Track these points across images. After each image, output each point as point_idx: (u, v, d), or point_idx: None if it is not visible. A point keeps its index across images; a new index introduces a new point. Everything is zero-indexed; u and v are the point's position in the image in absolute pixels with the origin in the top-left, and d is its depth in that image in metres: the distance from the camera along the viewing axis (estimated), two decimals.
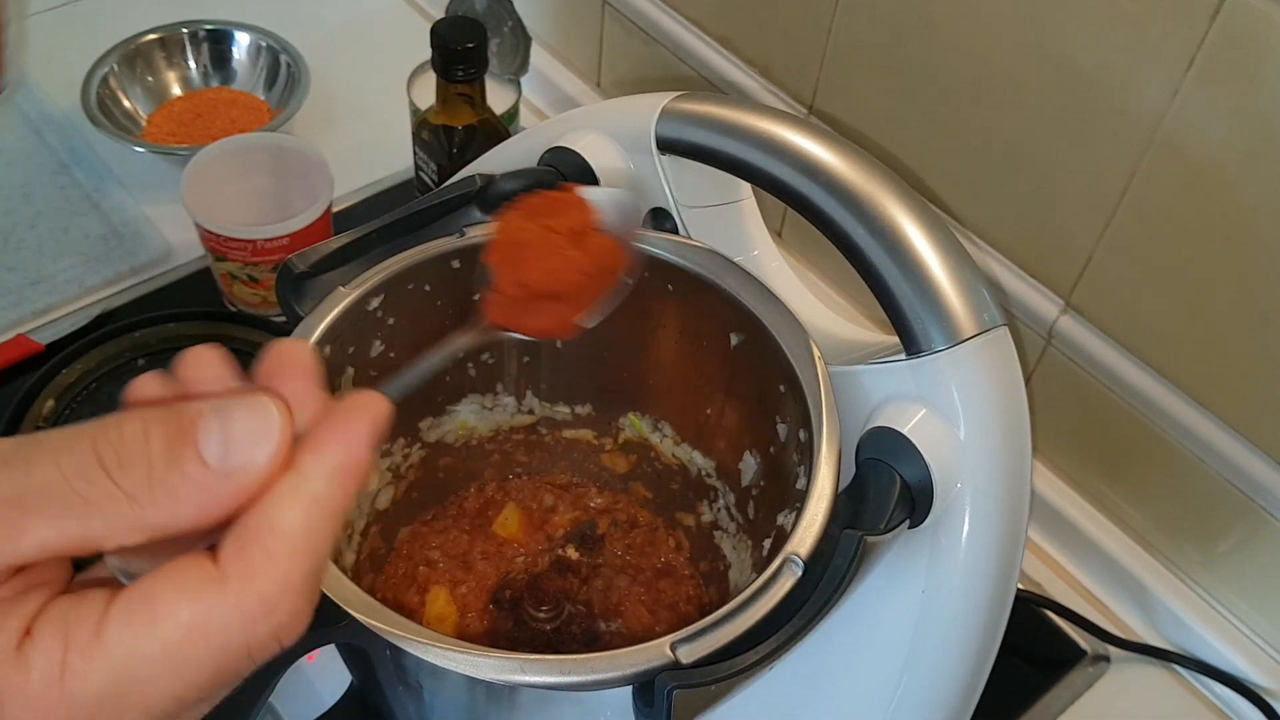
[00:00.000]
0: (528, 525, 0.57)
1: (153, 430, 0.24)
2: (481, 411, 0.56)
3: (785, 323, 0.46)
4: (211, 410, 0.25)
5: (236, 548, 0.25)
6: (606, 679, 0.37)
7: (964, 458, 0.42)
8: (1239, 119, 0.57)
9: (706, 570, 0.56)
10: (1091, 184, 0.66)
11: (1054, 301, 0.72)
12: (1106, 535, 0.75)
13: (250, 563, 0.25)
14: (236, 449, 0.25)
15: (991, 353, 0.43)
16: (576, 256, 0.41)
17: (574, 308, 0.42)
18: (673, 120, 0.49)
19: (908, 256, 0.44)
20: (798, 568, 0.39)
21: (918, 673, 0.43)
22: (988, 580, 0.43)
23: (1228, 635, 0.71)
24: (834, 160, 0.45)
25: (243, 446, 0.25)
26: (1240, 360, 0.64)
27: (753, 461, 0.51)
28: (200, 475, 0.24)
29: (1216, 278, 0.63)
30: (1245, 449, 0.66)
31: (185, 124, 0.96)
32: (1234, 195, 0.59)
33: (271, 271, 0.81)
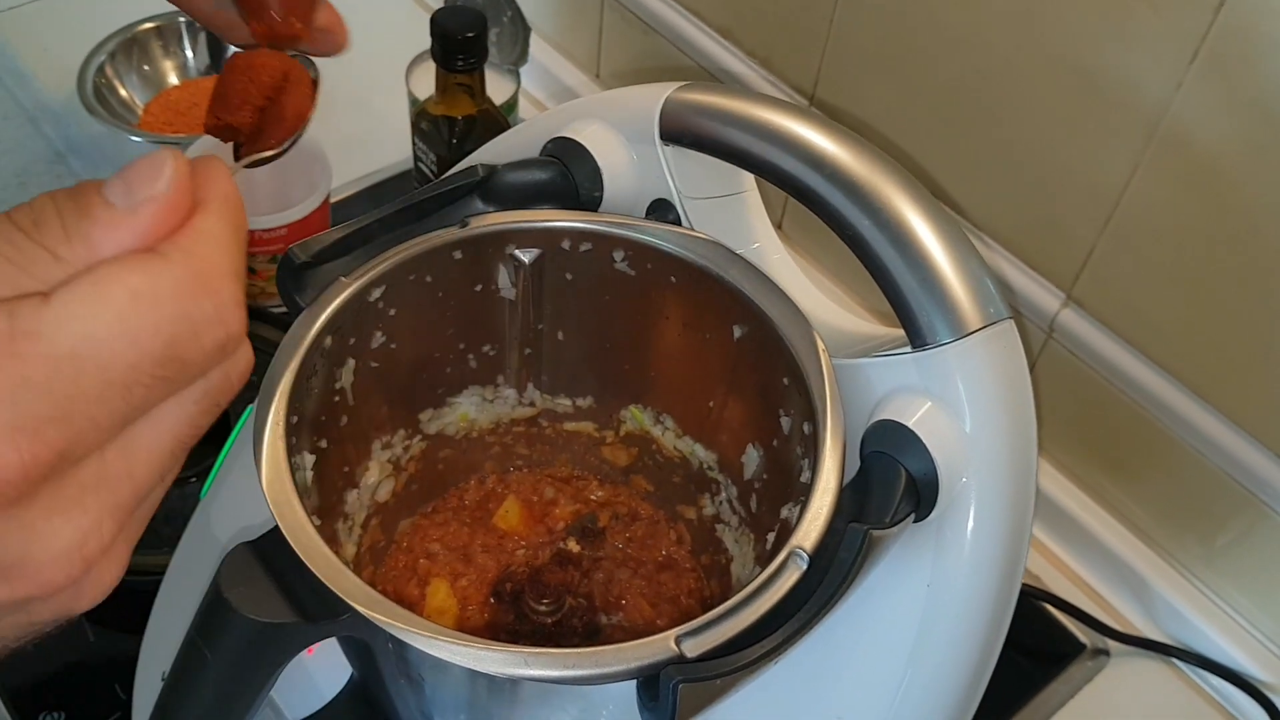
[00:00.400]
0: (528, 518, 0.57)
1: (59, 195, 0.27)
2: (482, 404, 0.56)
3: (789, 315, 0.46)
4: (111, 177, 0.28)
5: (169, 240, 0.27)
6: (611, 672, 0.36)
7: (969, 451, 0.42)
8: (1242, 112, 0.57)
9: (708, 563, 0.55)
10: (1094, 177, 0.65)
11: (1055, 295, 0.72)
12: (1106, 529, 0.75)
13: (184, 244, 0.27)
14: (137, 186, 0.27)
15: (997, 345, 0.43)
16: (256, 59, 0.46)
17: (295, 99, 0.45)
18: (677, 110, 0.49)
19: (913, 249, 0.43)
20: (803, 562, 0.39)
21: (922, 667, 0.43)
22: (993, 574, 0.43)
23: (1227, 629, 0.71)
24: (840, 151, 0.45)
25: (142, 183, 0.27)
26: (1241, 354, 0.64)
27: (755, 455, 0.51)
28: (109, 215, 0.26)
29: (1218, 271, 0.63)
30: (1246, 442, 0.66)
31: (182, 113, 0.95)
32: (1237, 189, 0.59)
33: (269, 262, 0.81)
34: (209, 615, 0.38)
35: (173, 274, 0.27)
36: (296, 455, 0.43)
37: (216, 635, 0.38)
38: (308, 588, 0.38)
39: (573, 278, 0.51)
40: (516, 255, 0.50)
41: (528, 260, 0.50)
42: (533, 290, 0.52)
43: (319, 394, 0.46)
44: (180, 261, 0.27)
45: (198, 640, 0.38)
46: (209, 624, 0.38)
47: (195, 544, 0.60)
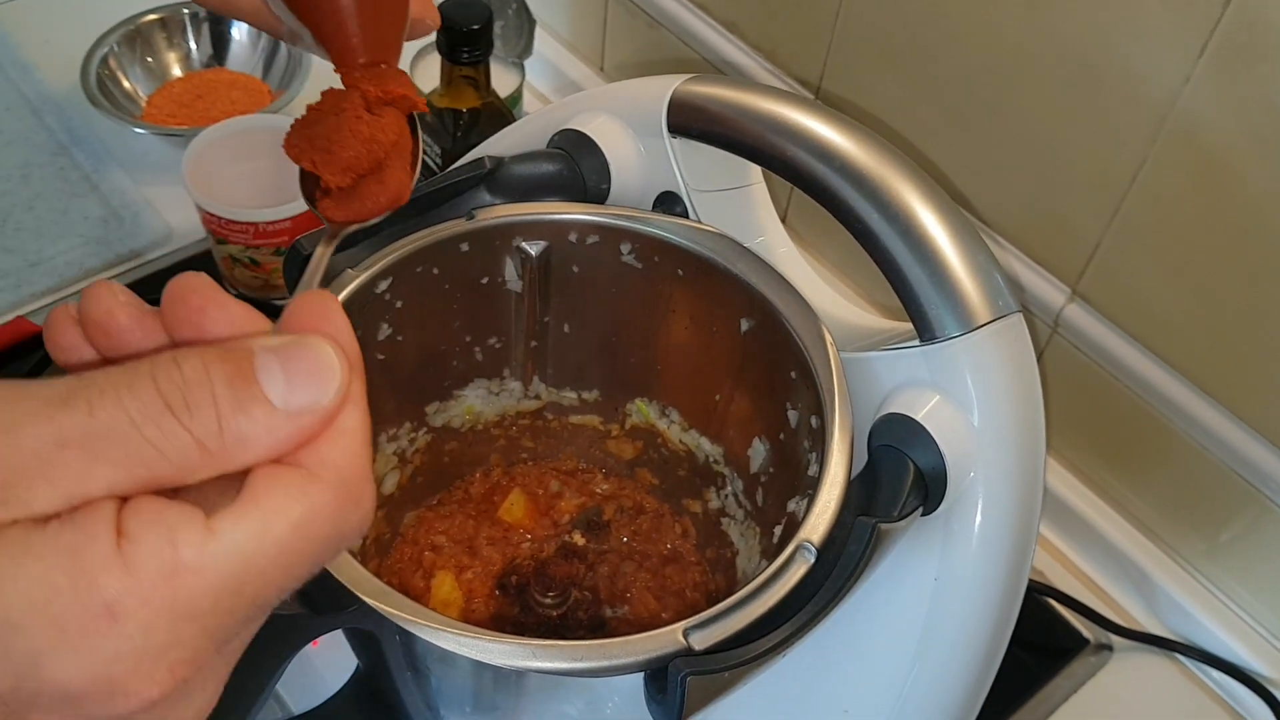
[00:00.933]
0: (533, 511, 0.57)
1: (214, 371, 0.24)
2: (488, 396, 0.56)
3: (797, 308, 0.46)
4: (265, 351, 0.25)
5: (313, 448, 0.25)
6: (619, 665, 0.36)
7: (978, 445, 0.42)
8: (1251, 106, 0.57)
9: (713, 557, 0.55)
10: (1101, 171, 0.65)
11: (1060, 289, 0.72)
12: (1110, 524, 0.75)
13: (332, 458, 0.25)
14: (300, 390, 0.25)
15: (1006, 339, 0.43)
16: (377, 120, 0.41)
17: (398, 173, 0.42)
18: (684, 103, 0.49)
19: (922, 242, 0.43)
20: (810, 555, 0.39)
21: (929, 661, 0.43)
22: (1000, 568, 0.43)
23: (1231, 624, 0.71)
24: (848, 144, 0.45)
25: (307, 388, 0.25)
26: (1247, 349, 0.64)
27: (762, 448, 0.51)
28: (268, 419, 0.24)
29: (1225, 266, 0.62)
30: (1250, 437, 0.66)
31: (185, 105, 0.95)
32: (1244, 184, 0.59)
33: (273, 255, 0.80)
34: None
35: (327, 498, 0.25)
36: None
37: None
38: (314, 579, 0.38)
39: (579, 270, 0.51)
40: (523, 248, 0.50)
41: (534, 253, 0.50)
42: (539, 283, 0.52)
43: None
44: (333, 483, 0.25)
45: None
46: None
47: None
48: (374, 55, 0.41)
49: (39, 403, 0.23)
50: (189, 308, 0.27)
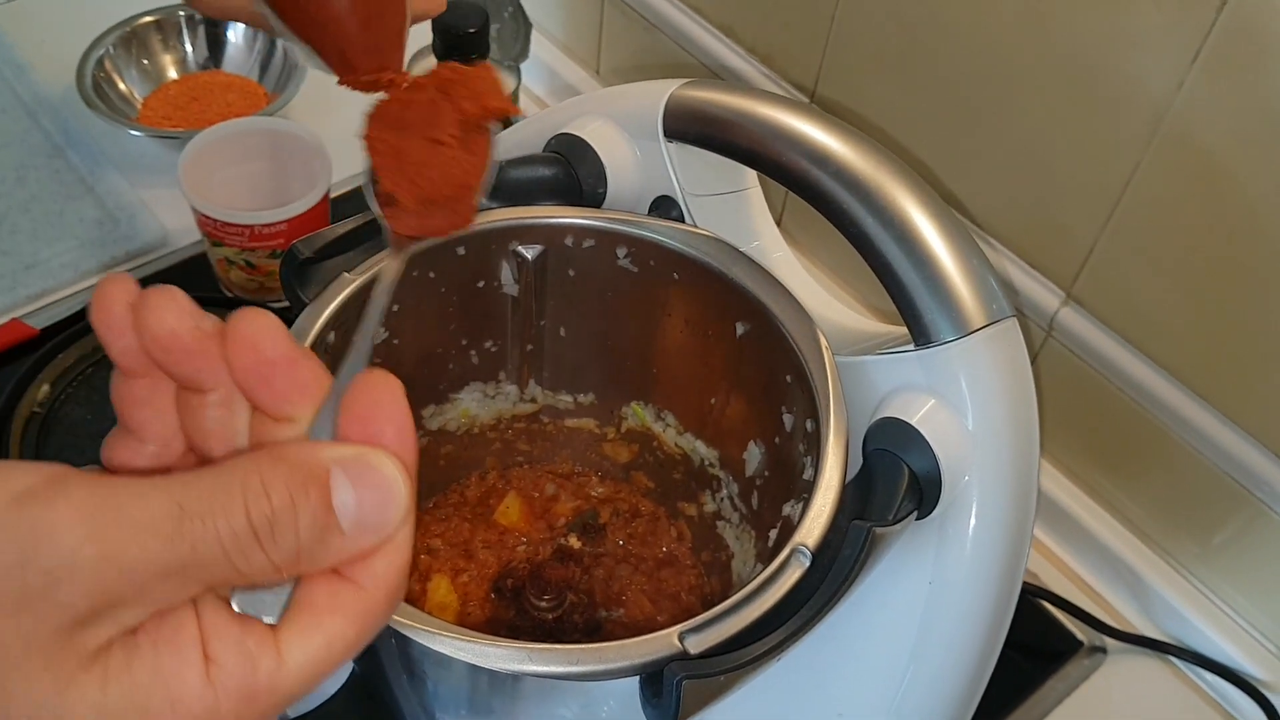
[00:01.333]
0: (529, 514, 0.57)
1: (301, 504, 0.26)
2: (484, 399, 0.56)
3: (792, 312, 0.46)
4: (340, 477, 0.26)
5: (367, 562, 0.27)
6: (615, 669, 0.36)
7: (972, 449, 0.42)
8: (1244, 111, 0.57)
9: (709, 560, 0.56)
10: (1095, 175, 0.65)
11: (1055, 293, 0.72)
12: (1104, 527, 0.75)
13: (382, 570, 0.27)
14: (369, 519, 0.26)
15: (1000, 344, 0.43)
16: (468, 158, 0.40)
17: (469, 200, 0.41)
18: (681, 107, 0.49)
19: (917, 246, 0.43)
20: (805, 559, 0.39)
21: (924, 663, 0.43)
22: (994, 571, 0.43)
23: (1224, 627, 0.71)
24: (843, 149, 0.45)
25: (375, 517, 0.27)
26: (1241, 353, 0.64)
27: (757, 452, 0.51)
28: (340, 546, 0.26)
29: (1218, 270, 0.63)
30: (1244, 441, 0.66)
31: (181, 107, 0.95)
32: (1238, 188, 0.59)
33: (269, 257, 0.80)
34: None
35: (376, 612, 0.27)
36: None
37: None
38: None
39: (575, 274, 0.51)
40: (519, 251, 0.50)
41: (531, 256, 0.50)
42: (535, 286, 0.52)
43: None
44: (381, 598, 0.27)
45: None
46: None
47: None
48: (375, 64, 0.41)
49: (146, 535, 0.25)
50: (259, 357, 0.28)
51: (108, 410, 0.40)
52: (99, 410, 0.75)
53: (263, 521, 0.25)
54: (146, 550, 0.25)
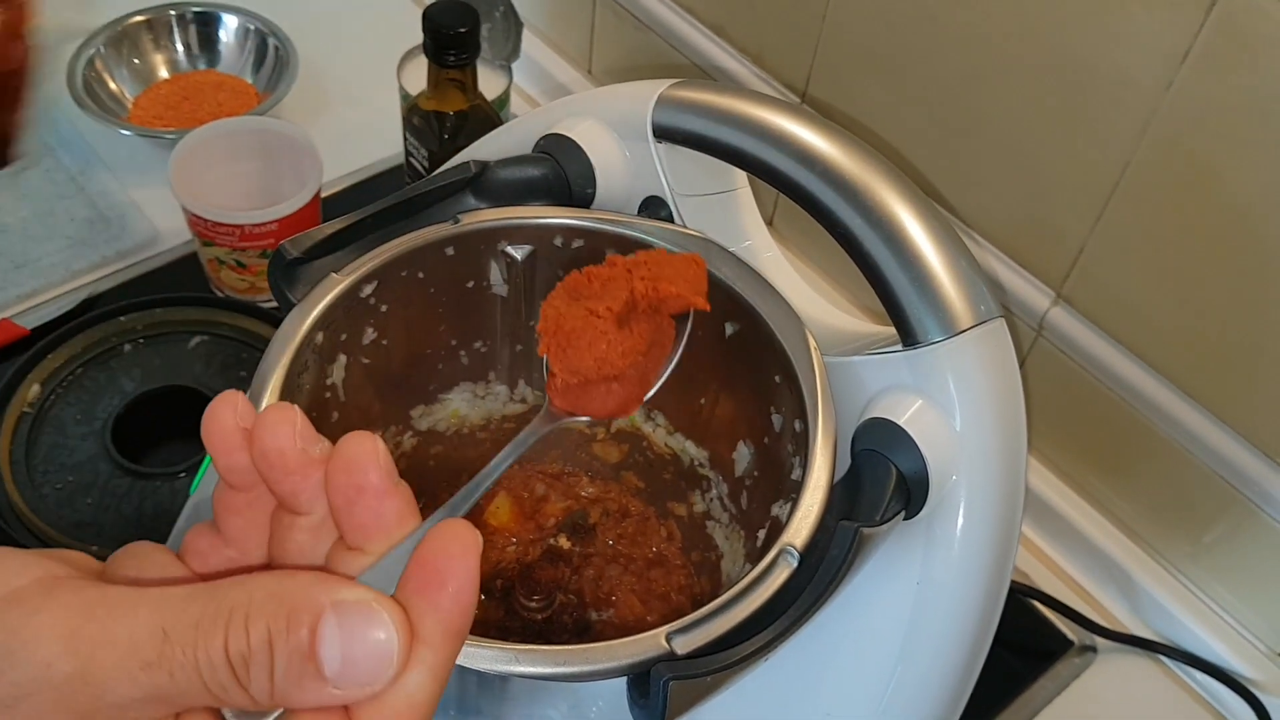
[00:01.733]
0: (519, 514, 0.57)
1: (279, 644, 0.25)
2: (474, 400, 0.56)
3: (781, 313, 0.46)
4: (330, 623, 0.25)
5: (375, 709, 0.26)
6: (602, 670, 0.36)
7: (960, 449, 0.42)
8: (1234, 111, 0.58)
9: (698, 560, 0.56)
10: (1085, 175, 0.66)
11: (1045, 293, 0.72)
12: (1094, 526, 0.76)
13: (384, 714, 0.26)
14: (355, 671, 0.25)
15: (988, 344, 0.43)
16: (622, 339, 0.40)
17: (635, 386, 0.41)
18: (669, 107, 0.49)
19: (905, 247, 0.43)
20: (793, 559, 0.39)
21: (912, 664, 0.43)
22: (982, 572, 0.43)
23: (1213, 626, 0.71)
24: (832, 150, 0.45)
25: (360, 672, 0.25)
26: (1231, 353, 0.64)
27: (746, 452, 0.51)
28: (318, 691, 0.25)
29: (1208, 270, 0.63)
30: (1233, 441, 0.66)
31: (172, 107, 0.95)
32: (1228, 187, 0.59)
33: (260, 257, 0.80)
34: None
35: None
36: None
37: None
38: None
39: (565, 275, 0.51)
40: (509, 252, 0.50)
41: (520, 257, 0.50)
42: (524, 287, 0.52)
43: (310, 390, 0.46)
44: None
45: None
46: None
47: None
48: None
49: (125, 657, 0.25)
50: (352, 481, 0.27)
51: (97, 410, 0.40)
52: (89, 410, 0.75)
53: (239, 655, 0.25)
54: (124, 673, 0.24)
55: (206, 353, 0.79)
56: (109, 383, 0.76)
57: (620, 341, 0.39)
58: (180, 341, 0.80)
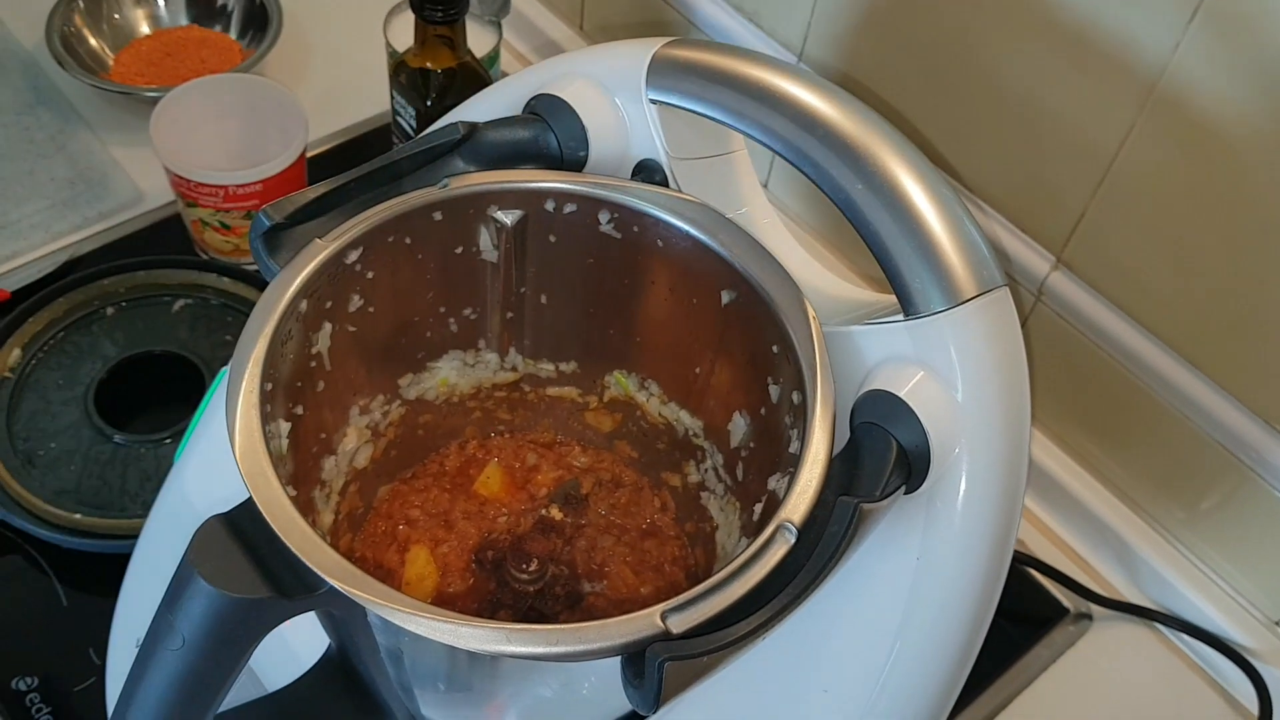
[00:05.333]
0: (510, 484, 0.56)
1: None
2: (463, 368, 0.55)
3: (779, 281, 0.45)
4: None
5: None
6: (596, 649, 0.36)
7: (962, 422, 0.41)
8: (1241, 73, 0.56)
9: (693, 531, 0.55)
10: (1088, 138, 0.64)
11: (1045, 257, 0.71)
12: (1091, 493, 0.75)
13: None
14: None
15: (992, 314, 0.42)
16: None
17: None
18: (664, 67, 0.47)
19: (907, 214, 0.42)
20: (791, 535, 0.38)
21: (911, 640, 0.43)
22: (984, 547, 0.42)
23: (1210, 594, 0.71)
24: (833, 112, 0.44)
25: None
26: (1231, 319, 0.63)
27: (742, 422, 0.50)
28: None
29: (1210, 235, 0.62)
30: (1232, 407, 0.65)
31: (154, 64, 0.93)
32: (1233, 152, 0.58)
33: (244, 218, 0.79)
34: (180, 590, 0.37)
35: None
36: (271, 423, 0.42)
37: (188, 610, 0.37)
38: (283, 562, 0.37)
39: (556, 240, 0.50)
40: (498, 217, 0.49)
41: (510, 222, 0.49)
42: (515, 253, 0.50)
43: (294, 359, 0.45)
44: None
45: (169, 616, 0.37)
46: (180, 599, 0.37)
47: (169, 508, 0.59)
48: None
49: None
50: None
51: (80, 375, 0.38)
52: (71, 375, 0.73)
53: None
54: None
55: (191, 316, 0.78)
56: (91, 347, 0.75)
57: None
58: (164, 305, 0.78)
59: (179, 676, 0.38)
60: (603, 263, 0.50)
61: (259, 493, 0.37)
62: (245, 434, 0.39)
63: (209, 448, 0.57)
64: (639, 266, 0.50)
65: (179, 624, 0.37)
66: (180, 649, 0.38)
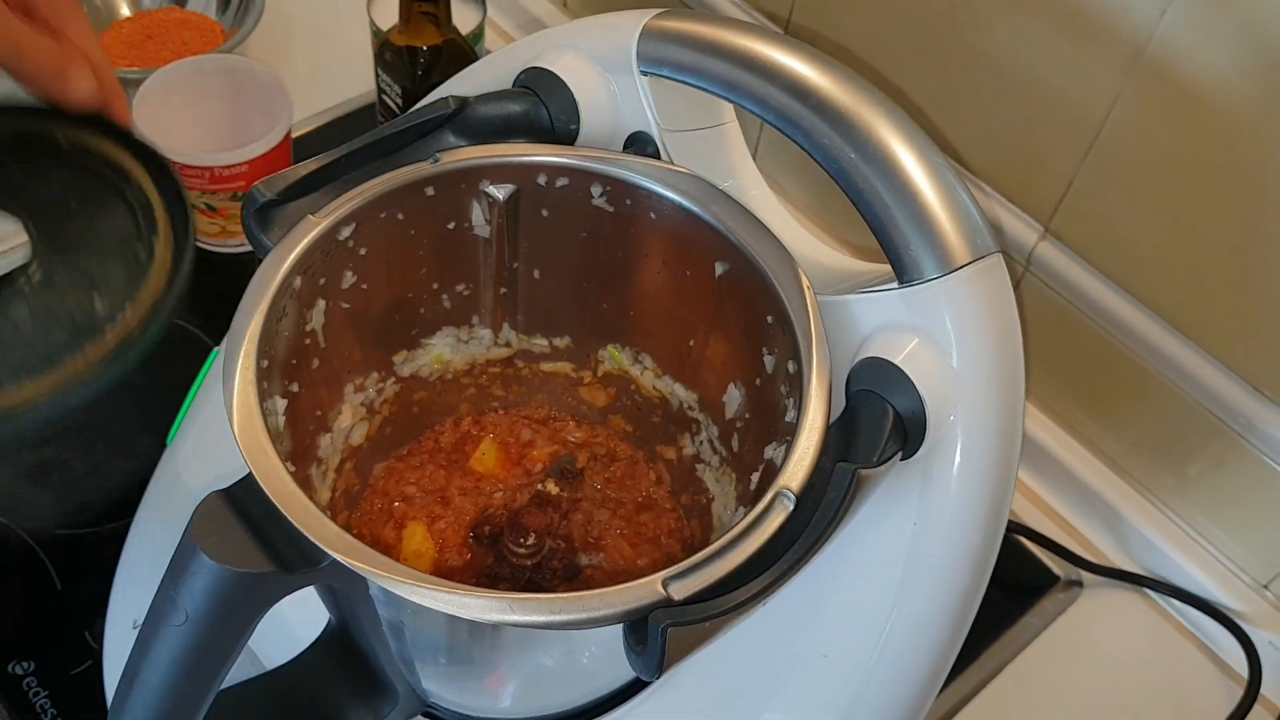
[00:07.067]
0: (505, 460, 0.56)
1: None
2: (457, 344, 0.55)
3: (773, 251, 0.45)
4: None
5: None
6: (598, 617, 0.36)
7: (957, 388, 0.41)
8: (1229, 39, 0.56)
9: (688, 503, 0.55)
10: (1075, 106, 0.64)
11: (1033, 227, 0.71)
12: (1080, 461, 0.76)
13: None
14: None
15: (985, 280, 0.42)
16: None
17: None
18: (654, 39, 0.47)
19: (900, 181, 0.42)
20: (790, 502, 0.38)
21: (908, 605, 0.43)
22: (979, 511, 0.42)
23: (1199, 559, 0.72)
24: (824, 81, 0.44)
25: None
26: (1219, 286, 0.64)
27: (737, 394, 0.50)
28: None
29: (1198, 203, 0.62)
30: (1220, 373, 0.66)
31: (135, 46, 0.92)
32: (1220, 119, 0.58)
33: (230, 200, 0.78)
34: (182, 566, 0.37)
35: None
36: (268, 400, 0.42)
37: (190, 587, 0.37)
38: (284, 536, 0.37)
39: (549, 214, 0.50)
40: (490, 191, 0.49)
41: (502, 196, 0.49)
42: (508, 227, 0.50)
43: (289, 336, 0.45)
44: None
45: (171, 592, 0.37)
46: (183, 574, 0.37)
47: (163, 489, 0.59)
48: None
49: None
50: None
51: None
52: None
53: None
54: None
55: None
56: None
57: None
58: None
59: (182, 653, 0.38)
60: (595, 236, 0.50)
61: (259, 467, 0.37)
62: (243, 410, 0.39)
63: (203, 429, 0.57)
64: (632, 239, 0.50)
65: (181, 600, 0.37)
66: (183, 625, 0.38)
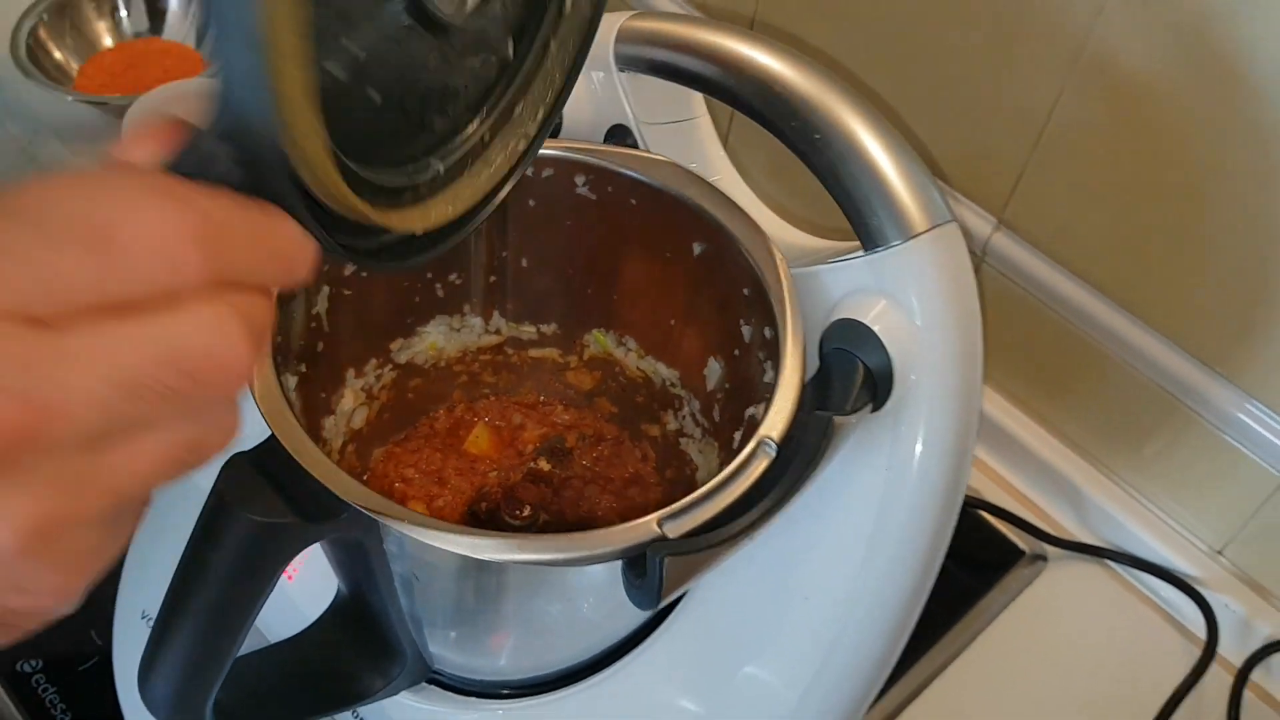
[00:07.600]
0: (498, 443, 0.59)
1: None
2: (450, 332, 0.58)
3: (747, 228, 0.49)
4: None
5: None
6: (600, 554, 0.39)
7: (921, 343, 0.45)
8: (1161, 34, 0.60)
9: (673, 477, 0.58)
10: (1021, 102, 0.68)
11: (987, 220, 0.75)
12: (1040, 442, 0.79)
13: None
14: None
15: (943, 245, 0.46)
16: None
17: None
18: (631, 38, 0.51)
19: (863, 160, 0.46)
20: (771, 449, 0.42)
21: (883, 544, 0.46)
22: (945, 456, 0.46)
23: (1157, 530, 0.75)
24: (789, 71, 0.47)
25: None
26: (1164, 267, 0.68)
27: (717, 367, 0.53)
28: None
29: (1141, 189, 0.66)
30: (1171, 351, 0.69)
31: (117, 75, 0.95)
32: (1157, 108, 0.63)
33: None
34: (212, 520, 0.39)
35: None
36: (283, 375, 0.45)
37: (220, 538, 0.39)
38: (306, 491, 0.40)
39: (535, 204, 0.53)
40: None
41: None
42: (496, 217, 0.53)
43: (300, 319, 0.48)
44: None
45: (201, 547, 0.40)
46: (212, 528, 0.39)
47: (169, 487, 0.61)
48: None
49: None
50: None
51: None
52: None
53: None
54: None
55: None
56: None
57: None
58: None
59: (209, 608, 0.41)
60: (580, 224, 0.53)
61: (279, 428, 0.40)
62: (263, 378, 0.42)
63: None
64: (614, 225, 0.53)
65: (210, 555, 0.40)
66: (210, 580, 0.40)
